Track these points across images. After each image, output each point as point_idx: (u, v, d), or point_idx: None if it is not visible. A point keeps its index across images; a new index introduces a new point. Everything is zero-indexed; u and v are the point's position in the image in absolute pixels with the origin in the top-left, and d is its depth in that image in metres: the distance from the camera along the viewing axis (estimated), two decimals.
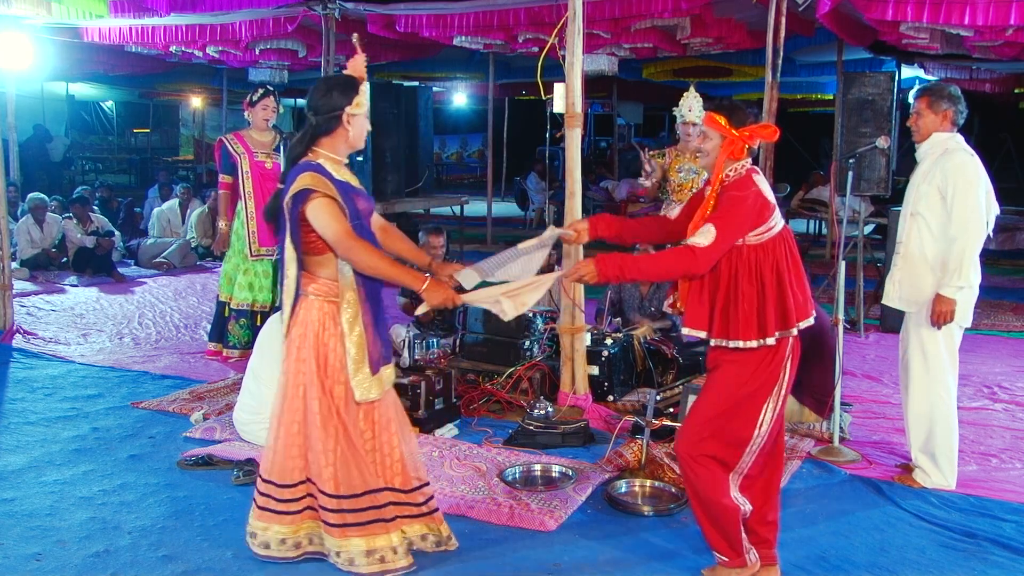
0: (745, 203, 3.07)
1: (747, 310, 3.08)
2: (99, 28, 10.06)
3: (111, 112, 22.88)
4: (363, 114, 3.29)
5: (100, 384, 6.01)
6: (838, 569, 3.53)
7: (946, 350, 4.21)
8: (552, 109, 5.55)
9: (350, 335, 3.25)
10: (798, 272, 3.16)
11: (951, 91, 4.26)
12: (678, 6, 7.85)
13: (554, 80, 5.44)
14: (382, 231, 3.57)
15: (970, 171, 4.11)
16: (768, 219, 3.09)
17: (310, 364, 3.26)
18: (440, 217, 14.56)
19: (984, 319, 7.81)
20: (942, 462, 4.25)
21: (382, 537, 3.35)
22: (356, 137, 3.30)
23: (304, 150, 3.28)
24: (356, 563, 3.33)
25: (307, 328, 3.27)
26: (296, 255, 3.26)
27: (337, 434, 3.29)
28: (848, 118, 6.96)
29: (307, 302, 3.29)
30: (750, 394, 3.14)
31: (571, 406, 5.21)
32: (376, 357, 3.32)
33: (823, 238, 12.53)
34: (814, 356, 4.97)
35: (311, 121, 3.27)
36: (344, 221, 3.17)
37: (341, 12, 9.33)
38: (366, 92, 3.29)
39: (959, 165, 4.12)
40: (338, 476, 3.30)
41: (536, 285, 3.27)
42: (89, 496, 4.13)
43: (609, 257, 3.09)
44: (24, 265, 9.90)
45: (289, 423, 3.32)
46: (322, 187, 3.16)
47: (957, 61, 10.82)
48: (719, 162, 3.18)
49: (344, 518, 3.31)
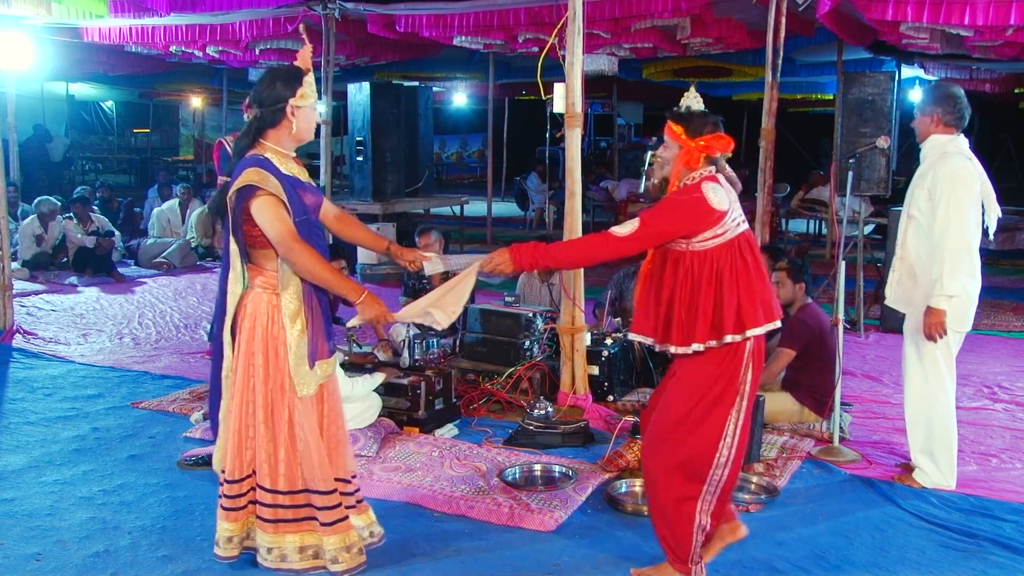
0: (680, 206, 3.09)
1: (683, 316, 3.08)
2: (99, 28, 10.06)
3: (111, 112, 22.88)
4: (309, 106, 3.23)
5: (100, 384, 6.01)
6: (838, 569, 3.53)
7: (942, 353, 4.20)
8: (552, 109, 5.56)
9: (291, 328, 3.21)
10: (749, 279, 3.09)
11: (942, 92, 4.20)
12: (678, 6, 7.85)
13: (554, 80, 5.44)
14: (337, 220, 3.54)
15: (958, 179, 4.04)
16: (713, 226, 3.06)
17: (258, 358, 3.23)
18: (440, 217, 14.58)
19: (984, 319, 7.81)
20: (942, 462, 4.25)
21: (312, 535, 3.33)
22: (302, 130, 3.24)
23: (250, 143, 3.22)
24: (288, 559, 3.31)
25: (255, 321, 3.23)
26: (241, 249, 3.21)
27: (280, 428, 3.26)
28: (848, 118, 6.95)
29: (255, 295, 3.25)
30: (710, 403, 3.09)
31: (571, 406, 5.21)
32: (314, 350, 3.26)
33: (823, 238, 12.53)
34: (814, 357, 4.99)
35: (255, 113, 3.22)
36: (287, 221, 3.11)
37: (341, 12, 9.34)
38: (311, 84, 3.23)
39: (949, 171, 4.06)
40: (276, 471, 3.27)
41: (456, 287, 3.33)
42: (89, 496, 4.13)
43: (524, 246, 3.14)
44: (24, 265, 9.90)
45: (239, 417, 3.28)
46: (266, 184, 3.09)
47: (957, 61, 10.82)
48: (675, 171, 3.19)
49: (277, 513, 3.29)
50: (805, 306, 5.14)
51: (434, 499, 4.06)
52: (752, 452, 4.47)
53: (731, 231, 3.09)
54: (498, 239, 13.52)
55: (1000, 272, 10.55)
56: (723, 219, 3.07)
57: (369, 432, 4.68)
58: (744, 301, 3.06)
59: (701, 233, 3.06)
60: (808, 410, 5.06)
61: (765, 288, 3.16)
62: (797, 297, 5.14)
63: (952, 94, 4.18)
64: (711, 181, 3.14)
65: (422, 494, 4.11)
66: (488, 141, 13.88)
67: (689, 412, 3.11)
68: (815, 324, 5.02)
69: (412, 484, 4.23)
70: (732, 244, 3.09)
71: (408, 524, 3.84)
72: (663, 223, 3.08)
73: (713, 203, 3.06)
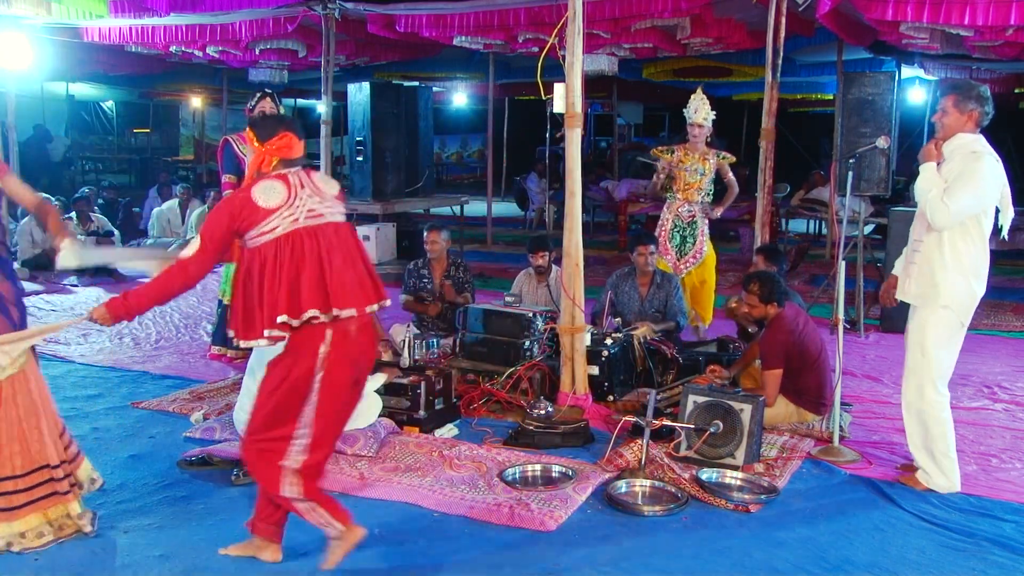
0: (221, 208, 3.26)
1: (241, 309, 3.22)
2: (99, 28, 10.05)
3: (111, 112, 22.84)
4: None
5: (100, 384, 6.01)
6: (838, 569, 3.53)
7: (938, 343, 4.18)
8: (552, 109, 5.56)
9: None
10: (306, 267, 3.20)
11: (980, 91, 4.19)
12: (678, 6, 7.85)
13: (554, 80, 5.44)
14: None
15: (979, 172, 4.05)
16: (258, 224, 3.18)
17: None
18: (440, 217, 14.55)
19: (984, 319, 7.81)
20: (942, 463, 4.24)
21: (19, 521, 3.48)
22: None
23: None
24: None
25: None
26: None
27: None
28: (848, 118, 6.96)
29: None
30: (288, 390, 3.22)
31: (571, 406, 5.21)
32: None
33: (823, 238, 12.53)
34: (802, 364, 4.97)
35: None
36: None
37: (341, 12, 9.34)
38: None
39: (979, 168, 4.06)
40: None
41: (30, 335, 3.51)
42: (89, 496, 4.12)
43: (116, 299, 3.24)
44: (24, 265, 9.89)
45: None
46: None
47: (957, 61, 10.82)
48: (249, 174, 3.40)
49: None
50: (775, 319, 4.98)
51: (434, 499, 4.06)
52: (752, 452, 4.47)
53: (280, 227, 3.21)
54: (498, 239, 13.53)
55: (1000, 272, 10.52)
56: (270, 217, 3.19)
57: (369, 432, 4.68)
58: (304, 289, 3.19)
59: (249, 231, 3.19)
60: (806, 411, 5.05)
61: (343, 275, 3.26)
62: (769, 314, 5.05)
63: (987, 94, 4.20)
64: (274, 179, 3.29)
65: (422, 494, 4.11)
66: (488, 141, 13.88)
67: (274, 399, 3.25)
68: (788, 332, 4.90)
69: (412, 484, 4.23)
70: (283, 241, 3.21)
71: (408, 524, 3.84)
72: (210, 229, 3.24)
73: (259, 202, 3.20)
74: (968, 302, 4.19)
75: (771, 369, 4.92)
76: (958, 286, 4.15)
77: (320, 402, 3.24)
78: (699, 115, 6.82)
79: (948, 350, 4.23)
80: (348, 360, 3.29)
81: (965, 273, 4.15)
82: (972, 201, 4.06)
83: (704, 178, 6.89)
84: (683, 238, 6.93)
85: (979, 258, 4.18)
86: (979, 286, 4.19)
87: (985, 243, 4.19)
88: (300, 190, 3.28)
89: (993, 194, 4.14)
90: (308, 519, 3.30)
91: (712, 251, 7.05)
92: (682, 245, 6.93)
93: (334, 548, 3.34)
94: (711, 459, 4.49)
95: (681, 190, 6.93)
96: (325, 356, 3.21)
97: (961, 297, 4.16)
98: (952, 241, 4.16)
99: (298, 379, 3.22)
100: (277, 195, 3.23)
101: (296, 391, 3.22)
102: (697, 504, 4.07)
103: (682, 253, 6.92)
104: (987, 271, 4.22)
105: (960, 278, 4.15)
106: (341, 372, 3.27)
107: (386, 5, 9.11)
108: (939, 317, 4.19)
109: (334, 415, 3.33)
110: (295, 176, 3.31)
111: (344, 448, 4.55)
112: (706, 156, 6.88)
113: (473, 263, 11.30)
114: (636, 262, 6.46)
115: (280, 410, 3.24)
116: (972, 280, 4.17)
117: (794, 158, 16.57)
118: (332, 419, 3.32)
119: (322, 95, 10.02)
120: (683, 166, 6.88)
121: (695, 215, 6.91)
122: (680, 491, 4.12)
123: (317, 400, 3.24)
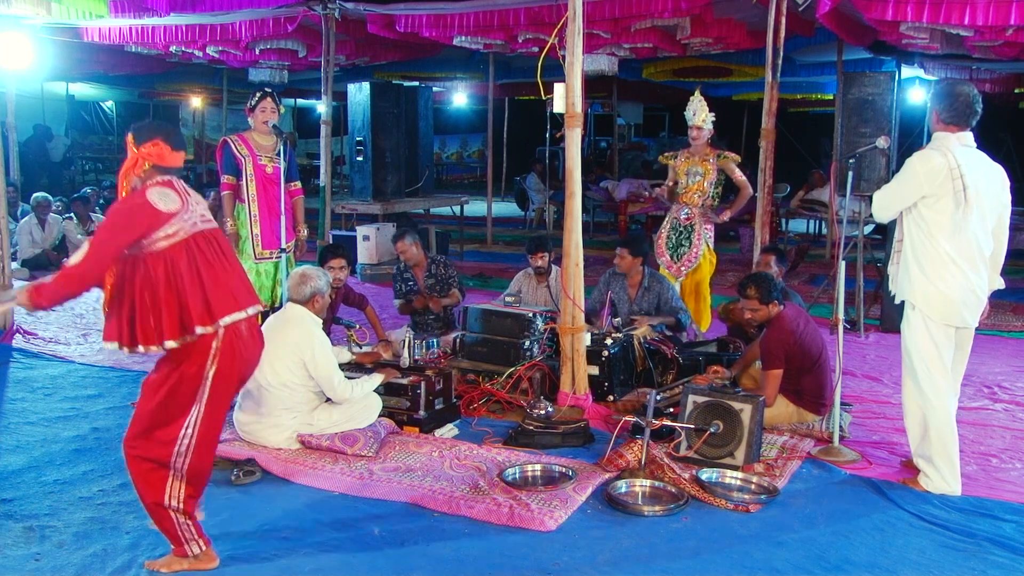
0: (114, 215, 3.24)
1: (146, 317, 3.21)
2: (99, 28, 10.06)
3: (111, 112, 22.85)
4: None
5: (100, 384, 6.01)
6: (838, 569, 3.53)
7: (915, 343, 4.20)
8: (552, 109, 5.55)
9: None
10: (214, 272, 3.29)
11: (940, 89, 4.25)
12: (678, 6, 7.85)
13: (554, 80, 5.44)
14: None
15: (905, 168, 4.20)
16: (159, 228, 3.20)
17: None
18: (440, 217, 14.57)
19: (984, 319, 7.79)
20: (943, 466, 4.22)
21: None
22: None
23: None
24: None
25: None
26: None
27: None
28: (848, 118, 6.97)
29: None
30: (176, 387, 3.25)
31: (571, 406, 5.21)
32: None
33: (823, 238, 12.53)
34: (803, 365, 4.96)
35: None
36: None
37: (341, 12, 9.34)
38: None
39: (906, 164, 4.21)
40: None
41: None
42: (89, 496, 4.13)
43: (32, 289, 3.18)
44: (24, 265, 9.90)
45: None
46: None
47: (957, 61, 10.82)
48: (121, 174, 3.40)
49: None
50: (776, 318, 4.98)
51: (434, 499, 4.06)
52: (752, 452, 4.47)
53: (182, 231, 3.25)
54: (498, 239, 13.53)
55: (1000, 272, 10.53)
56: (172, 220, 3.23)
57: (369, 432, 4.68)
58: (211, 294, 3.25)
59: (149, 236, 3.20)
60: (806, 411, 5.05)
61: (233, 278, 3.38)
62: (771, 314, 5.04)
63: (950, 91, 4.19)
64: (162, 186, 3.31)
65: (422, 494, 4.11)
66: (488, 141, 13.88)
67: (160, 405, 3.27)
68: (789, 332, 4.89)
69: (412, 484, 4.23)
70: (189, 244, 3.26)
71: (408, 524, 3.84)
72: (103, 235, 3.22)
73: (159, 205, 3.22)
74: (937, 303, 4.14)
75: (771, 369, 4.91)
76: (922, 286, 4.16)
77: (209, 399, 3.29)
78: (697, 118, 6.80)
79: (929, 350, 4.20)
80: (239, 357, 3.36)
81: (926, 273, 4.15)
82: (889, 195, 4.26)
83: (703, 180, 6.84)
84: (679, 241, 6.86)
85: (939, 258, 4.13)
86: (948, 286, 4.12)
87: (954, 242, 4.11)
88: (188, 196, 3.36)
89: (912, 189, 4.14)
90: (177, 530, 3.33)
91: (710, 257, 6.86)
92: (677, 248, 6.86)
93: (181, 564, 3.37)
94: (711, 459, 4.49)
95: (682, 194, 6.91)
96: (217, 352, 3.27)
97: (927, 297, 4.14)
98: (912, 241, 4.21)
99: (189, 375, 3.25)
100: (172, 200, 3.28)
101: (186, 387, 3.25)
102: (697, 504, 4.07)
103: (677, 256, 6.86)
104: (960, 270, 4.13)
105: (922, 277, 4.16)
106: (232, 369, 3.33)
107: (386, 5, 9.11)
108: (912, 317, 4.24)
109: (218, 416, 3.37)
110: (179, 183, 3.39)
111: (344, 448, 4.55)
112: (707, 158, 6.85)
113: (473, 263, 11.32)
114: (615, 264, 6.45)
115: (167, 408, 3.26)
116: (936, 280, 4.12)
117: (794, 158, 16.59)
118: (215, 420, 3.36)
119: (322, 95, 10.01)
120: (684, 169, 6.87)
121: (693, 218, 6.80)
122: (680, 491, 4.12)
123: (207, 397, 3.28)
